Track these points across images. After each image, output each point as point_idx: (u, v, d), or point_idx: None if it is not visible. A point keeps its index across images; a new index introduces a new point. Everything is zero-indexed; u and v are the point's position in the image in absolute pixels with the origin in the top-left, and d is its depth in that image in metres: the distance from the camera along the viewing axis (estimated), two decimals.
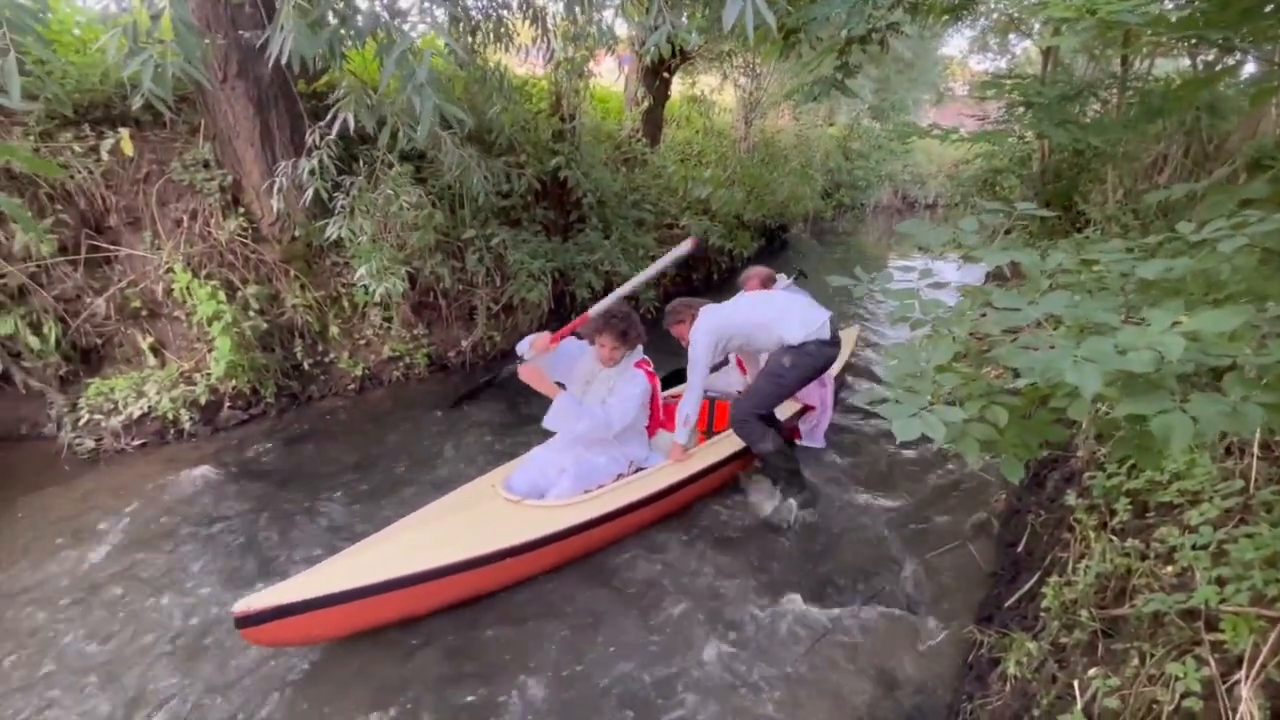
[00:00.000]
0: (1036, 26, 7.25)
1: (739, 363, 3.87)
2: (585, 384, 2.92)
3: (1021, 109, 5.43)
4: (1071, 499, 2.51)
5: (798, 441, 3.82)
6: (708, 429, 3.58)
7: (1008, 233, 5.95)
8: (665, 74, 7.24)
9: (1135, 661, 1.69)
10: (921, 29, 6.70)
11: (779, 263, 10.00)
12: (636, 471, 2.99)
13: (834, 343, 3.12)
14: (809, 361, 3.08)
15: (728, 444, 3.24)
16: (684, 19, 4.00)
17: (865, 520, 3.14)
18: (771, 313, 3.13)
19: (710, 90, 8.90)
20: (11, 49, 1.13)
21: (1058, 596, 2.10)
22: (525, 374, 2.72)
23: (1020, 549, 2.68)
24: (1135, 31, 3.83)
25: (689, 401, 3.09)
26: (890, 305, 1.18)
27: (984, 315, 1.01)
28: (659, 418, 3.18)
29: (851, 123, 13.61)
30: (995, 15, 8.06)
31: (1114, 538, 2.15)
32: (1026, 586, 2.43)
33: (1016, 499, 3.13)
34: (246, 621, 2.04)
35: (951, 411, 0.97)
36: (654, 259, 6.46)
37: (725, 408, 3.61)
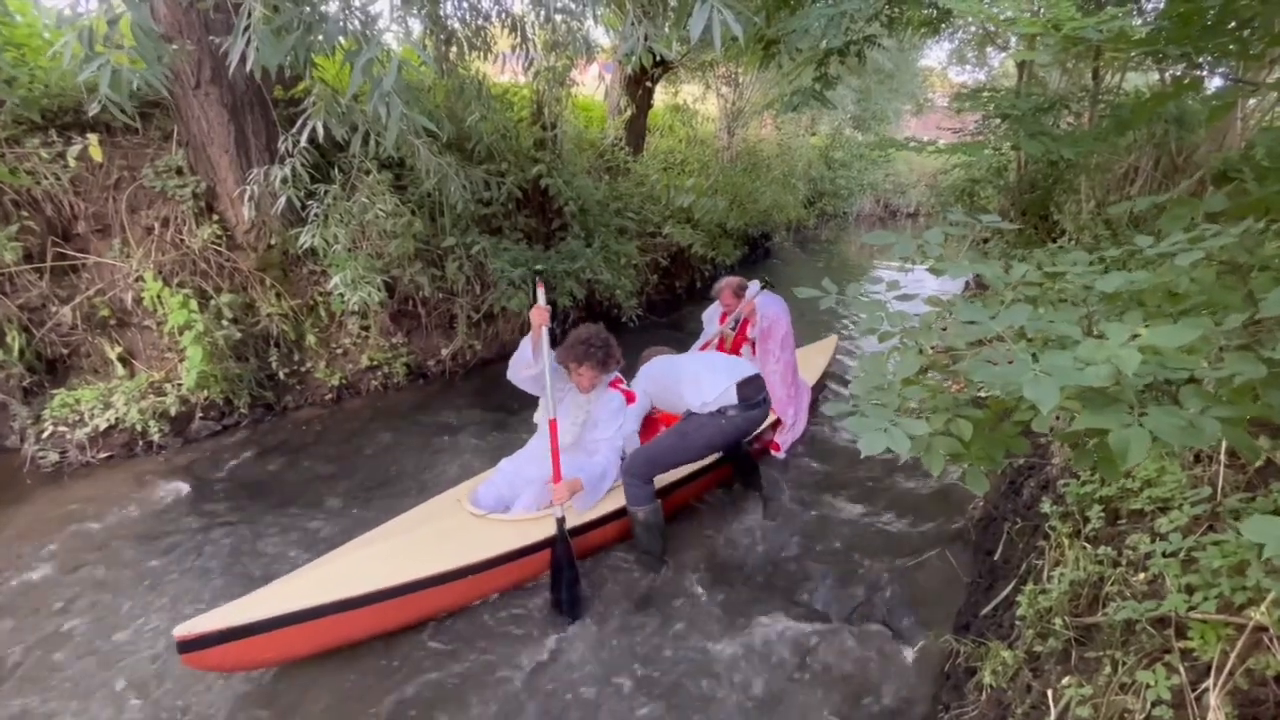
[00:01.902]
0: (1013, 40, 7.41)
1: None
2: (558, 403, 2.79)
3: (998, 121, 5.53)
4: (1047, 506, 2.52)
5: (773, 453, 3.79)
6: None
7: (985, 242, 6.05)
8: (648, 83, 7.27)
9: (1107, 670, 1.70)
10: (900, 41, 6.82)
11: (761, 272, 10.09)
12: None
13: (751, 406, 2.90)
14: (724, 429, 2.86)
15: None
16: (665, 29, 4.02)
17: (841, 529, 3.14)
18: (684, 380, 2.95)
19: (693, 100, 8.96)
20: None
21: (1032, 604, 2.10)
22: (539, 317, 2.61)
23: (997, 557, 2.69)
24: (1105, 46, 3.92)
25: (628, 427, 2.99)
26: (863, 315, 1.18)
27: (945, 329, 1.01)
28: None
29: (833, 132, 13.78)
30: (972, 29, 8.21)
31: (1087, 545, 2.17)
32: (1003, 595, 2.43)
33: (993, 507, 3.15)
34: (188, 646, 1.93)
35: (916, 424, 0.97)
36: (635, 267, 6.51)
37: None
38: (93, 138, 3.63)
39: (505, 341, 5.47)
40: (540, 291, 2.64)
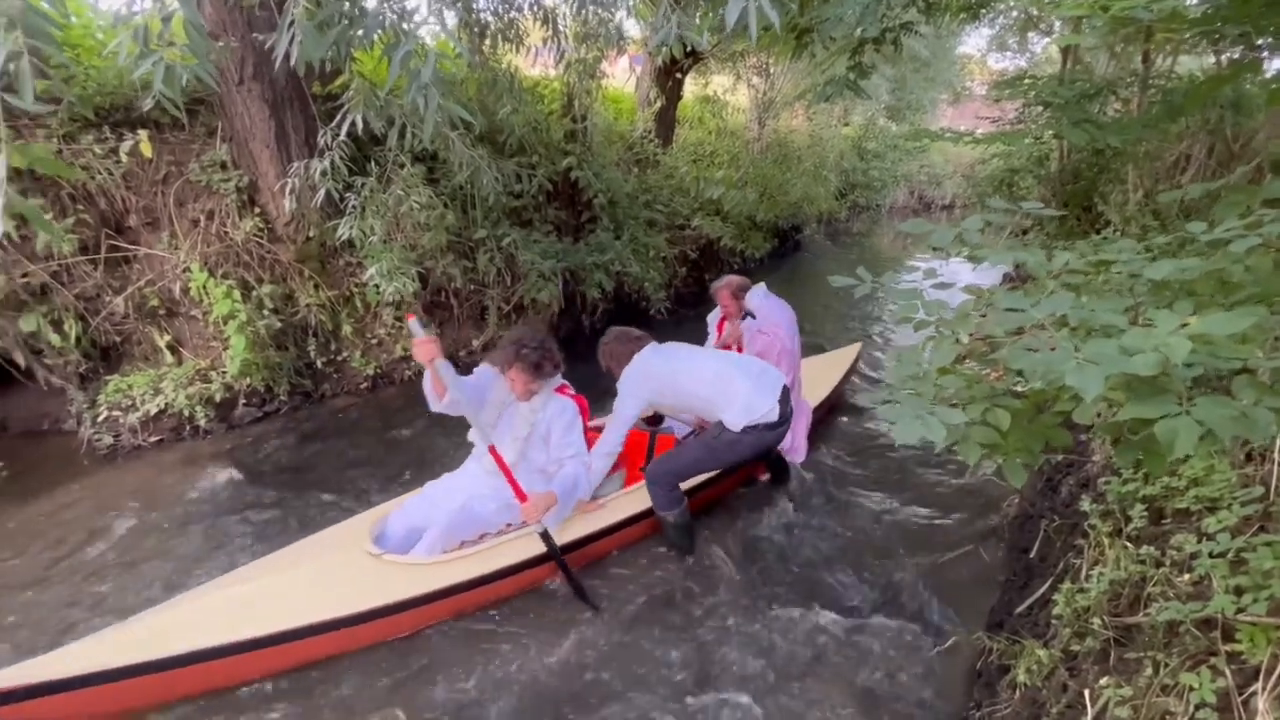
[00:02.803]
0: (1056, 25, 7.15)
1: None
2: (498, 414, 2.60)
3: (1039, 109, 5.36)
4: (1086, 505, 2.45)
5: (798, 459, 3.40)
6: (645, 464, 3.04)
7: (1025, 234, 5.88)
8: (678, 74, 7.23)
9: (1149, 671, 1.66)
10: (937, 28, 6.63)
11: (790, 263, 9.99)
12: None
13: (782, 422, 2.72)
14: (754, 445, 2.69)
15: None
16: (696, 19, 3.99)
17: (873, 524, 3.11)
18: (712, 390, 2.68)
19: (723, 91, 8.88)
20: (25, 53, 1.15)
21: (1070, 603, 2.05)
22: (421, 354, 2.28)
23: (1032, 555, 2.63)
24: (1157, 27, 3.76)
25: (599, 455, 2.66)
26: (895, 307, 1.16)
27: (984, 316, 1.00)
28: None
29: (866, 123, 13.51)
30: (1014, 13, 7.95)
31: (1129, 544, 2.11)
32: (1039, 593, 2.38)
33: (1029, 504, 3.08)
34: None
35: (953, 414, 0.96)
36: (664, 260, 6.49)
37: (668, 443, 3.19)
38: (143, 134, 3.76)
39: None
40: (412, 323, 2.29)
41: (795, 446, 3.30)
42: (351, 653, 2.24)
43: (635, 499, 2.81)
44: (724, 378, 2.67)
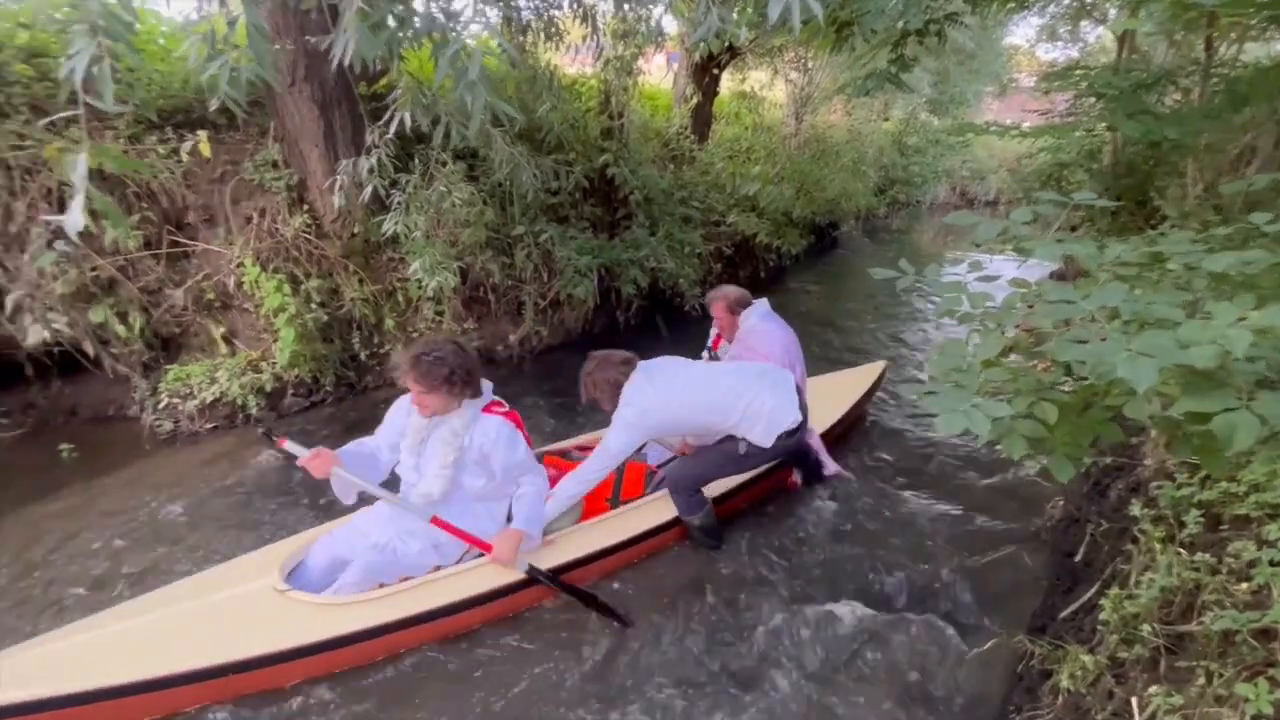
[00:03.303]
0: (1111, 12, 6.86)
1: None
2: (419, 448, 2.28)
3: (1091, 100, 5.16)
4: (1137, 509, 2.37)
5: (827, 474, 3.25)
6: (613, 497, 2.85)
7: (1073, 230, 5.67)
8: (714, 70, 7.20)
9: (1201, 681, 1.60)
10: (983, 19, 6.44)
11: (826, 260, 9.85)
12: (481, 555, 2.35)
13: (800, 427, 2.63)
14: (776, 454, 2.64)
15: (627, 521, 2.64)
16: (733, 14, 3.97)
17: (912, 523, 3.06)
18: (729, 411, 2.52)
19: (760, 86, 8.81)
20: (106, 57, 1.23)
21: (1117, 609, 1.99)
22: (318, 471, 2.14)
23: (1078, 559, 2.56)
24: (1221, 12, 3.59)
25: (573, 481, 2.49)
26: (933, 307, 1.15)
27: (1032, 308, 0.98)
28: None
29: (907, 117, 13.21)
30: (1065, 1, 7.67)
31: (1182, 551, 2.03)
32: (1084, 598, 2.32)
33: (1074, 508, 2.99)
34: None
35: (998, 406, 0.95)
36: (699, 256, 6.48)
37: (639, 473, 2.94)
38: (202, 135, 3.94)
39: (570, 329, 5.60)
40: (287, 447, 2.15)
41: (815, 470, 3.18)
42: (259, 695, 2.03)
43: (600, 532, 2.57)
44: (740, 394, 2.52)
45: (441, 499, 2.24)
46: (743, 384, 2.57)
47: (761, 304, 3.16)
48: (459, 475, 2.25)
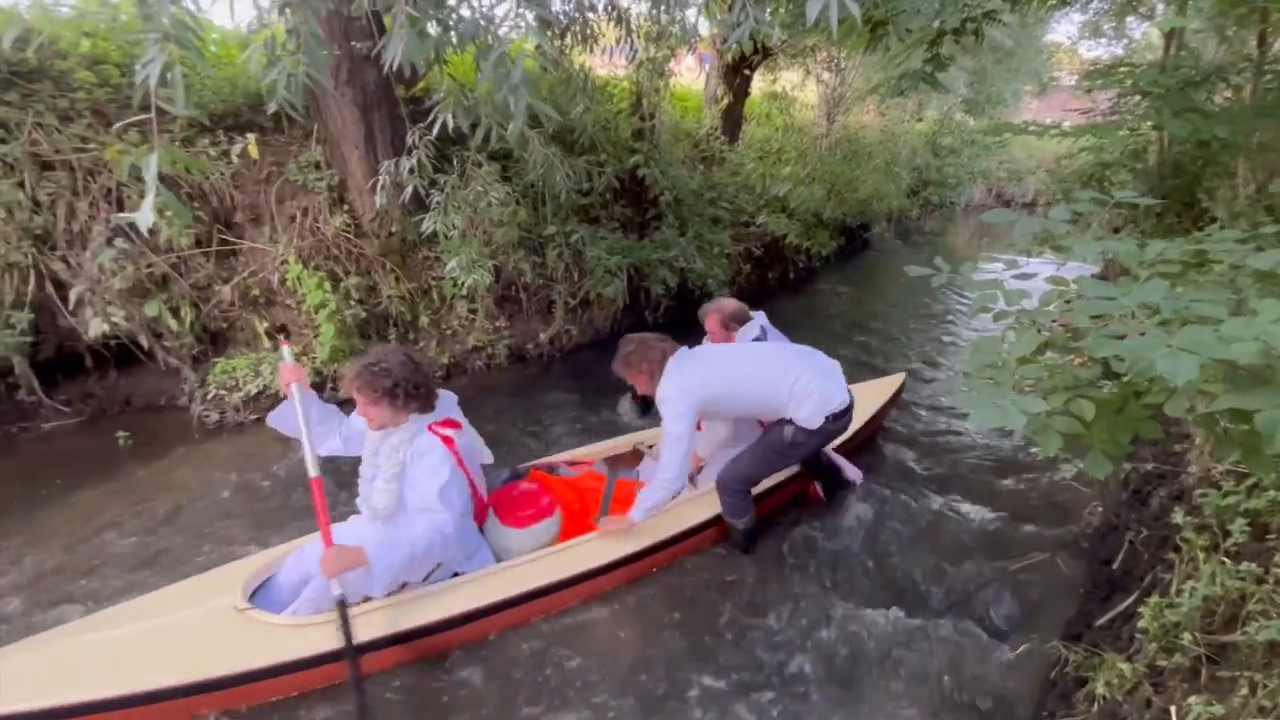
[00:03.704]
0: (1159, 7, 6.66)
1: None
2: (373, 460, 2.21)
3: (1136, 98, 5.02)
4: (1179, 517, 2.32)
5: (848, 478, 3.17)
6: (601, 514, 2.69)
7: (1116, 231, 5.52)
8: (746, 71, 7.19)
9: (1244, 691, 1.57)
10: (1023, 17, 6.31)
11: (857, 262, 9.73)
12: (456, 575, 2.29)
13: (846, 413, 2.62)
14: (819, 440, 2.61)
15: (604, 546, 2.49)
16: (767, 14, 3.97)
17: (944, 527, 3.03)
18: (777, 388, 2.47)
19: (792, 87, 8.76)
20: (178, 64, 1.32)
21: (1157, 618, 1.95)
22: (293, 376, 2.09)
23: (1116, 567, 2.51)
24: (1274, 7, 3.47)
25: (660, 494, 2.44)
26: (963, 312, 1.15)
27: (1069, 304, 0.99)
28: (481, 501, 2.41)
29: (942, 117, 12.97)
30: None
31: (1226, 560, 1.98)
32: (1122, 606, 2.27)
33: (1114, 515, 2.92)
34: None
35: (1033, 402, 0.96)
36: (728, 257, 6.49)
37: (629, 489, 2.81)
38: (251, 138, 4.10)
39: (599, 328, 5.65)
40: (285, 349, 2.19)
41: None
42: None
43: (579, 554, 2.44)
44: (787, 370, 2.50)
45: (387, 513, 2.18)
46: (789, 361, 2.54)
47: (760, 318, 3.04)
48: (402, 489, 2.16)
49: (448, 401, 2.28)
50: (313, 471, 2.02)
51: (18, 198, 3.65)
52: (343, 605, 1.90)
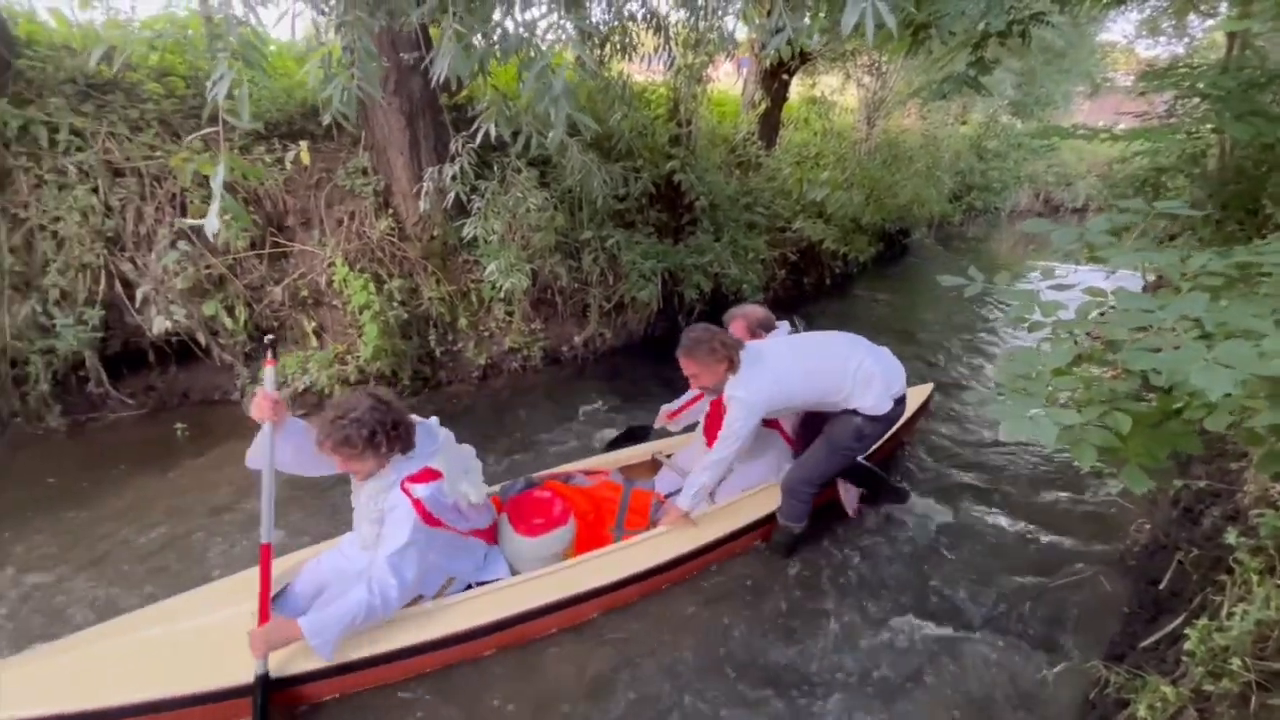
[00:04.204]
0: (1223, 5, 6.37)
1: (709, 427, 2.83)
2: (357, 496, 2.20)
3: (1195, 101, 4.82)
4: (1233, 538, 2.22)
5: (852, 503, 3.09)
6: (616, 526, 2.70)
7: (1172, 239, 5.29)
8: (784, 76, 7.17)
9: None
10: (1075, 17, 6.11)
11: (896, 269, 9.55)
12: (470, 588, 2.30)
13: (903, 399, 2.63)
14: (884, 427, 2.59)
15: (631, 554, 2.50)
16: (805, 20, 3.96)
17: (983, 540, 2.97)
18: (844, 380, 2.45)
19: (831, 91, 8.68)
20: (244, 80, 1.41)
21: (1204, 641, 1.88)
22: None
23: (1163, 587, 2.42)
24: None
25: (708, 474, 2.49)
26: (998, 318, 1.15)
27: (1103, 314, 0.97)
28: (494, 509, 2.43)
29: (987, 120, 12.63)
30: None
31: None
32: (1169, 628, 2.19)
33: (1162, 534, 2.82)
34: None
35: (1066, 414, 0.95)
36: (763, 262, 6.46)
37: (644, 500, 2.82)
38: (303, 145, 4.27)
39: (633, 331, 5.70)
40: (268, 371, 2.02)
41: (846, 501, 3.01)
42: None
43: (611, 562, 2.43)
44: (848, 357, 2.48)
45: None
46: (846, 348, 2.52)
47: (785, 327, 3.01)
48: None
49: (429, 439, 2.16)
50: (265, 536, 1.95)
51: (92, 203, 3.90)
52: (263, 682, 1.89)
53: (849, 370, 2.45)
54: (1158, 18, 9.07)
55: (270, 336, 2.03)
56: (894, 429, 2.74)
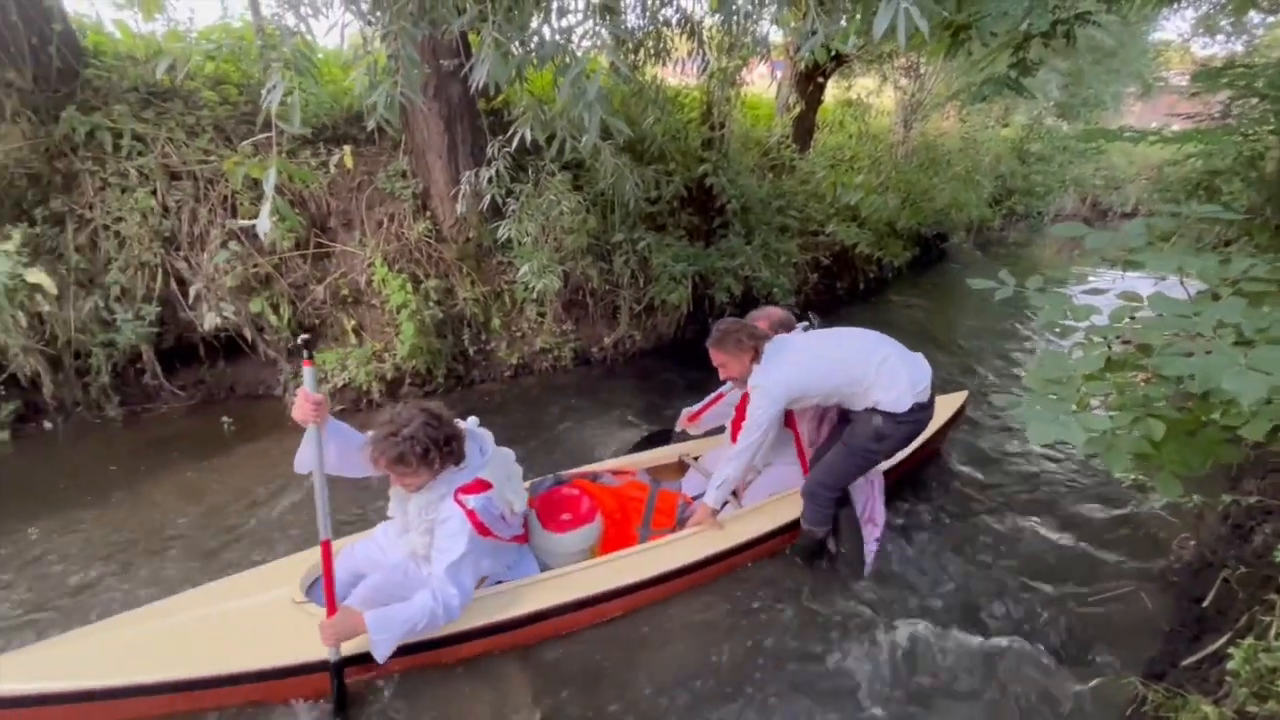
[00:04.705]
0: None
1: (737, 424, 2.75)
2: (404, 513, 2.22)
3: (1254, 101, 4.63)
4: None
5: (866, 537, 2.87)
6: (644, 525, 2.73)
7: (1227, 245, 5.08)
8: (819, 79, 7.11)
9: None
10: (1125, 16, 5.92)
11: (932, 274, 9.37)
12: (498, 582, 2.36)
13: (930, 404, 2.53)
14: (906, 431, 2.48)
15: (655, 556, 2.51)
16: (841, 23, 3.94)
17: (1020, 549, 2.91)
18: (866, 371, 2.42)
19: (867, 93, 8.58)
20: (296, 87, 1.49)
21: (1250, 661, 1.82)
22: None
23: (1207, 605, 2.33)
24: None
25: (733, 466, 2.52)
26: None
27: (1135, 319, 0.96)
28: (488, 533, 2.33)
29: (1030, 122, 12.28)
30: None
31: None
32: (1213, 647, 2.12)
33: (1209, 550, 2.71)
34: None
35: (1097, 419, 0.94)
36: (795, 266, 6.41)
37: (671, 501, 2.84)
38: (347, 149, 4.42)
39: (662, 334, 5.73)
40: (307, 371, 1.92)
41: (871, 517, 2.79)
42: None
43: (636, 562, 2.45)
44: (872, 351, 2.46)
45: (425, 553, 2.19)
46: (873, 342, 2.51)
47: (803, 327, 2.97)
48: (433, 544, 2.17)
49: (478, 449, 2.21)
50: (323, 534, 1.99)
51: (150, 204, 4.11)
52: (340, 668, 1.98)
53: (873, 362, 2.42)
54: (1215, 15, 8.70)
55: (305, 336, 2.00)
56: (918, 442, 2.65)
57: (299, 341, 2.00)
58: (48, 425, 4.04)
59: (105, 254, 4.09)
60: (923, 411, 2.48)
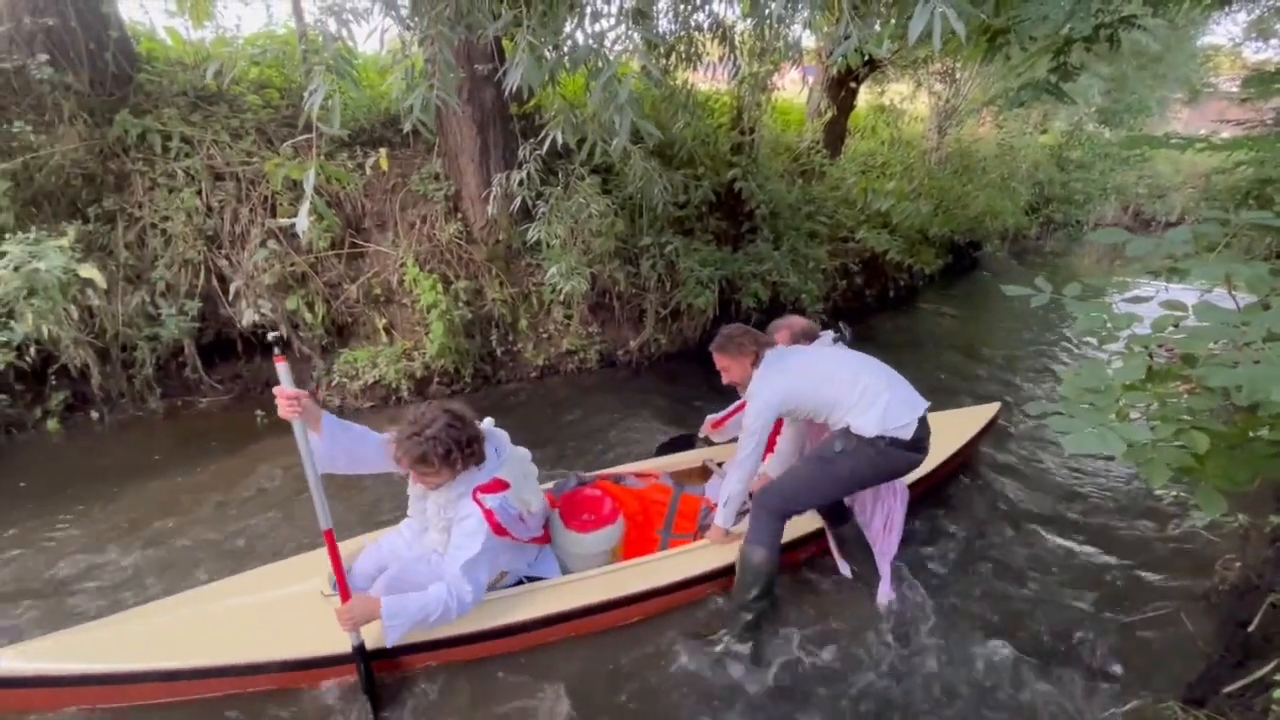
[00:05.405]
0: None
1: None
2: (422, 510, 2.29)
3: None
4: None
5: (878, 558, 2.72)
6: (665, 527, 2.73)
7: (1279, 256, 4.88)
8: (851, 84, 7.05)
9: None
10: (1172, 21, 5.74)
11: (965, 282, 9.18)
12: (521, 583, 2.40)
13: (915, 448, 2.37)
14: (873, 460, 2.35)
15: (684, 560, 2.51)
16: (875, 27, 3.90)
17: (1055, 567, 2.83)
18: (843, 390, 2.37)
19: (901, 99, 8.47)
20: (337, 92, 1.54)
21: None
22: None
23: (1252, 629, 2.24)
24: None
25: (735, 479, 2.50)
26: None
27: (1176, 327, 0.93)
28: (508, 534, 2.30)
29: (1071, 128, 11.96)
30: None
31: None
32: (1259, 674, 2.03)
33: (1255, 573, 2.60)
34: None
35: (1137, 430, 0.92)
36: (824, 272, 6.35)
37: (694, 505, 2.83)
38: (382, 152, 4.53)
39: (688, 338, 5.72)
40: (280, 368, 1.92)
41: (882, 541, 2.65)
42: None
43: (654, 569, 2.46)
44: (862, 373, 2.40)
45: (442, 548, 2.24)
46: (862, 363, 2.48)
47: (827, 338, 2.89)
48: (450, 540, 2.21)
49: (495, 448, 2.24)
50: (323, 524, 2.01)
51: (195, 204, 4.26)
52: (361, 650, 2.03)
53: (859, 385, 2.36)
54: (1269, 18, 8.39)
55: (275, 333, 2.01)
56: (880, 479, 2.49)
57: (269, 339, 2.00)
58: (94, 415, 4.21)
59: (152, 251, 4.25)
60: (894, 448, 2.33)
